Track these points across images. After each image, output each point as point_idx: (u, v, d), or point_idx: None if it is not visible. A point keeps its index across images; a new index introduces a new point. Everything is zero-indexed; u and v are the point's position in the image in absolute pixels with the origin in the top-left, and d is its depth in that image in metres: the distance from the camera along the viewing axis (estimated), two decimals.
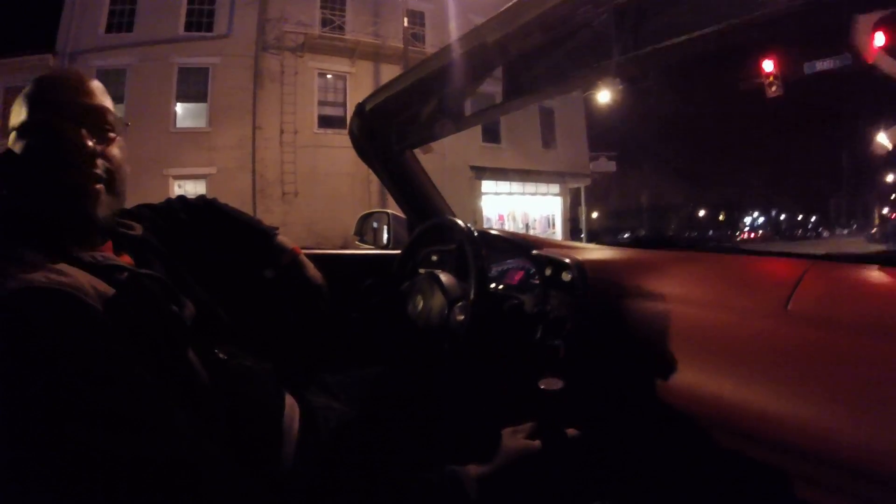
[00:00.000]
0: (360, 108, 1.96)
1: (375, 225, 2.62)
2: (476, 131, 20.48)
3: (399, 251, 1.82)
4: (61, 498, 0.61)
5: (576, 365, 1.26)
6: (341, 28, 19.30)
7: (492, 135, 21.49)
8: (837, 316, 0.94)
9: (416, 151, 2.15)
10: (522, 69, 1.43)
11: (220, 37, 18.05)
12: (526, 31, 1.30)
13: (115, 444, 0.64)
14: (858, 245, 26.33)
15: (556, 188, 23.85)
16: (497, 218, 21.85)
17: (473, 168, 20.61)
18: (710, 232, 62.56)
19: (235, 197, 16.20)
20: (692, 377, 1.04)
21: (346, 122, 19.82)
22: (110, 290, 0.83)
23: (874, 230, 34.33)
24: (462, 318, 1.35)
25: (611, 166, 26.17)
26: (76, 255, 0.87)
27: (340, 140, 17.86)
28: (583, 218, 25.10)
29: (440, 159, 16.71)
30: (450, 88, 1.67)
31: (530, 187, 23.10)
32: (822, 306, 0.99)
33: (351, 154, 2.09)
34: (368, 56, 19.47)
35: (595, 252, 1.78)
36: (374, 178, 2.22)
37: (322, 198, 17.47)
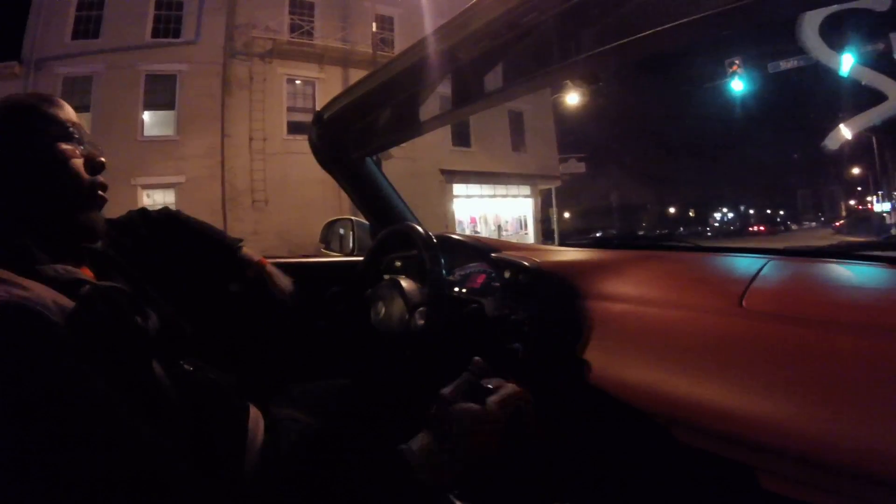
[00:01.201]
0: (318, 116, 1.97)
1: (341, 231, 2.63)
2: (446, 135, 20.44)
3: (360, 258, 1.83)
4: None
5: (534, 367, 1.28)
6: (310, 34, 19.15)
7: (462, 138, 21.42)
8: (790, 310, 0.98)
9: (380, 157, 2.17)
10: (471, 74, 1.46)
11: (187, 43, 17.77)
12: (475, 38, 1.33)
13: (77, 460, 0.64)
14: (825, 237, 26.69)
15: (527, 190, 23.89)
16: (469, 221, 21.81)
17: (444, 172, 20.55)
18: (681, 229, 62.58)
19: (205, 206, 16.07)
20: (649, 375, 1.05)
21: None
22: (72, 304, 0.81)
23: (841, 222, 34.76)
24: (422, 322, 1.37)
25: (580, 167, 26.32)
26: (37, 269, 0.86)
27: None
28: (554, 219, 25.19)
29: (410, 163, 16.64)
30: (404, 95, 1.70)
31: (501, 189, 23.10)
32: (776, 301, 1.02)
33: None
34: (337, 61, 19.34)
35: (557, 254, 1.77)
36: None
37: (293, 205, 17.27)
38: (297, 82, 19.20)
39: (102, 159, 1.04)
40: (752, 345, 0.94)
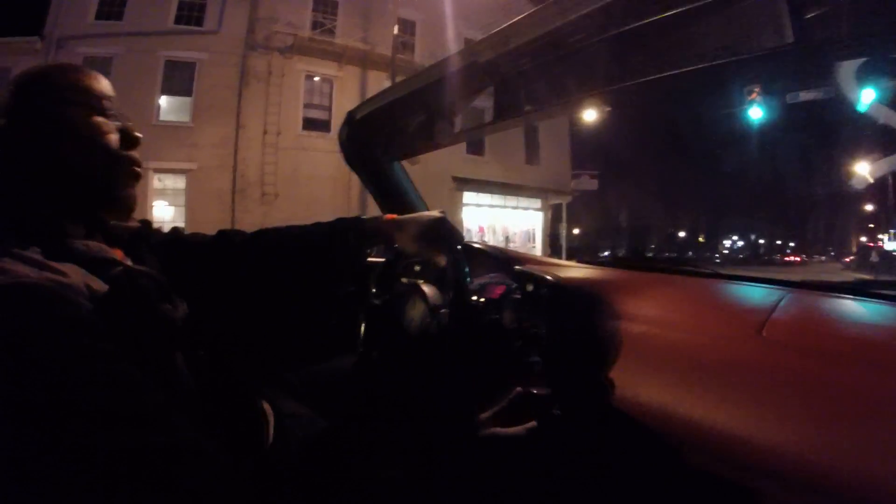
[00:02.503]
0: (350, 116, 1.99)
1: None
2: (461, 143, 20.48)
3: (380, 258, 1.82)
4: (51, 496, 0.61)
5: (552, 381, 1.27)
6: (331, 32, 19.27)
7: (475, 146, 21.50)
8: (811, 343, 0.98)
9: (403, 161, 2.17)
10: (513, 91, 1.45)
11: (209, 32, 17.94)
12: (517, 54, 1.33)
13: (96, 439, 0.64)
14: (835, 272, 26.81)
15: (537, 203, 23.95)
16: (478, 230, 21.85)
17: (456, 179, 20.59)
18: (690, 253, 62.65)
19: (215, 195, 16.15)
20: (665, 398, 1.04)
21: (330, 125, 19.15)
22: (104, 288, 0.81)
23: (851, 258, 34.66)
24: (444, 324, 1.36)
25: (592, 184, 26.37)
26: (68, 244, 0.86)
27: (323, 143, 17.84)
28: (563, 234, 25.18)
29: (422, 168, 16.56)
30: (440, 104, 1.71)
31: (511, 201, 23.17)
32: (797, 333, 1.02)
33: (333, 158, 2.13)
34: (356, 61, 19.47)
35: (575, 270, 1.80)
36: (354, 183, 2.25)
37: (302, 201, 17.30)
38: (316, 79, 19.29)
39: (138, 134, 1.03)
40: (771, 374, 0.94)
